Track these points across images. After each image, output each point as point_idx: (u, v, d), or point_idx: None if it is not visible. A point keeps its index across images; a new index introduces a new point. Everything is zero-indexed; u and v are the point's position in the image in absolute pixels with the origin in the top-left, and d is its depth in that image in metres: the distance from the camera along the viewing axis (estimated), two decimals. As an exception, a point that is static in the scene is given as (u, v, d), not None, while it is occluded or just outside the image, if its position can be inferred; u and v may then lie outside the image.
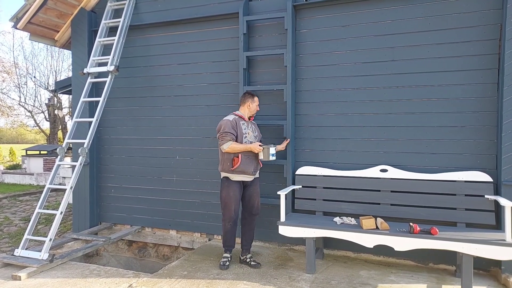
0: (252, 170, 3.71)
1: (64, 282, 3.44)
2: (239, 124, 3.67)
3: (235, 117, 3.71)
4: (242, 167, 3.64)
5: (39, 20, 4.99)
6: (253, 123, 3.88)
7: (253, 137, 3.75)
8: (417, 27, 3.79)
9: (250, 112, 3.81)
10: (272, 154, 3.68)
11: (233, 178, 3.69)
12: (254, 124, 3.90)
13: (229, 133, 3.58)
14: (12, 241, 5.79)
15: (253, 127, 3.82)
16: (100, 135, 5.24)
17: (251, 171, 3.69)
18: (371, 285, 3.29)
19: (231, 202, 3.66)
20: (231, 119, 3.67)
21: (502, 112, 3.40)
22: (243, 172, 3.67)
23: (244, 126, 3.71)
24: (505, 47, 3.39)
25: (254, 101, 3.80)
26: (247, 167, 3.66)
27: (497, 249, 2.96)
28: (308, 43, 4.21)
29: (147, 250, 5.13)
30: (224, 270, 3.63)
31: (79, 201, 5.19)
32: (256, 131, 3.86)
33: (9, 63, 19.38)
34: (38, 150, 14.46)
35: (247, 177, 3.73)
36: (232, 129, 3.61)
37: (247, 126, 3.74)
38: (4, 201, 9.13)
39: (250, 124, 3.80)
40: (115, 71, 4.66)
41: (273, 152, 3.69)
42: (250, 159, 3.68)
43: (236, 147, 3.58)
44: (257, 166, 3.79)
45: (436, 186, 3.62)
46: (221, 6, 4.55)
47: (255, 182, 3.83)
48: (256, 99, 3.81)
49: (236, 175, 3.68)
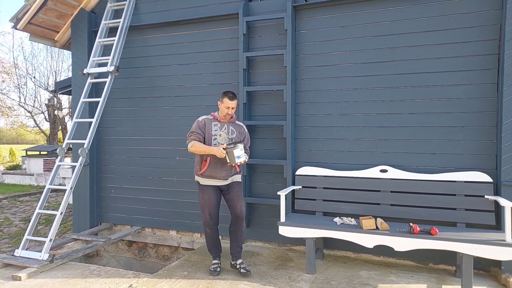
0: (224, 174, 3.47)
1: (64, 282, 3.44)
2: (208, 125, 3.46)
3: (206, 117, 3.51)
4: (210, 171, 3.44)
5: (39, 21, 5.00)
6: (235, 124, 3.57)
7: (227, 139, 3.47)
8: (417, 27, 3.79)
9: (220, 113, 3.51)
10: (238, 156, 3.29)
11: (203, 182, 3.52)
12: (236, 125, 3.57)
13: (194, 133, 3.42)
14: (12, 241, 5.79)
15: (231, 128, 3.51)
16: (100, 135, 5.24)
17: (221, 176, 3.46)
18: (371, 285, 3.29)
19: (205, 206, 3.51)
20: (201, 119, 3.50)
21: (502, 112, 3.40)
22: (212, 177, 3.47)
23: (216, 127, 3.47)
24: (504, 47, 3.39)
25: (222, 102, 3.44)
26: (216, 171, 3.44)
27: (497, 249, 2.96)
28: (308, 43, 4.21)
29: (147, 250, 5.13)
30: (216, 275, 3.51)
31: (79, 202, 5.19)
32: (235, 133, 3.52)
33: (9, 63, 19.40)
34: (38, 150, 14.45)
35: (218, 181, 3.50)
36: (198, 129, 3.44)
37: (221, 127, 3.48)
38: (4, 201, 9.13)
39: (227, 125, 3.50)
40: (115, 72, 4.66)
41: (238, 154, 3.29)
42: (221, 163, 3.42)
43: (198, 148, 3.37)
44: (231, 170, 3.51)
45: (436, 187, 3.62)
46: (221, 6, 4.55)
47: (234, 186, 3.56)
48: (226, 100, 3.42)
49: (206, 179, 3.50)
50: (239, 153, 3.30)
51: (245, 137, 3.59)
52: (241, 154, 3.32)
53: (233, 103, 3.44)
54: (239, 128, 3.57)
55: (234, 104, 3.44)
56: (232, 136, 3.50)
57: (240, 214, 3.53)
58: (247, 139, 3.62)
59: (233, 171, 3.55)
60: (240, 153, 3.31)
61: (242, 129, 3.59)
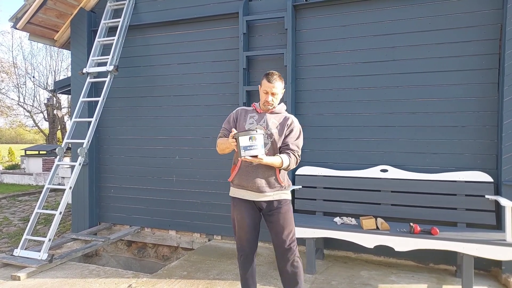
0: (258, 185, 2.54)
1: (64, 282, 3.43)
2: (242, 117, 2.69)
3: (244, 107, 2.79)
4: (239, 179, 2.61)
5: (38, 20, 4.98)
6: (280, 115, 2.66)
7: (264, 135, 2.57)
8: (417, 27, 3.78)
9: (260, 101, 2.66)
10: (246, 148, 2.25)
11: (232, 194, 2.71)
12: (281, 117, 2.65)
13: (222, 128, 2.75)
14: (11, 241, 5.77)
15: (273, 121, 2.62)
16: (99, 135, 5.23)
17: (254, 186, 2.55)
18: (371, 285, 3.28)
19: (236, 227, 2.69)
20: (236, 110, 2.79)
21: (503, 112, 3.40)
22: (242, 187, 2.61)
23: (253, 119, 2.65)
24: (505, 47, 3.39)
25: (260, 85, 2.62)
26: (247, 179, 2.57)
27: (497, 249, 2.96)
28: (308, 43, 4.20)
29: (147, 250, 5.12)
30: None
31: (78, 201, 5.18)
32: (278, 126, 2.60)
33: (8, 63, 19.36)
34: (37, 150, 14.44)
35: (251, 194, 2.59)
36: (227, 123, 2.74)
37: (258, 119, 2.63)
38: (3, 201, 9.11)
39: (268, 117, 2.63)
40: (115, 71, 4.65)
41: (246, 144, 2.25)
42: (254, 168, 2.55)
43: (220, 146, 2.63)
44: (270, 181, 2.56)
45: (436, 186, 3.61)
46: (221, 6, 4.54)
47: (277, 206, 2.58)
48: (264, 82, 2.59)
49: (236, 190, 2.67)
50: (246, 143, 2.24)
51: (290, 132, 2.61)
52: (252, 145, 2.25)
53: (274, 87, 2.56)
54: (284, 120, 2.63)
55: (275, 88, 2.56)
56: (272, 131, 2.58)
57: (286, 245, 2.56)
58: (295, 136, 2.61)
59: (275, 183, 2.58)
60: (250, 143, 2.25)
61: (288, 121, 2.63)
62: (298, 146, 2.62)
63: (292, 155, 2.55)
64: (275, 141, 2.57)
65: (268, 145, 2.56)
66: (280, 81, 2.60)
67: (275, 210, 2.58)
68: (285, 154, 2.53)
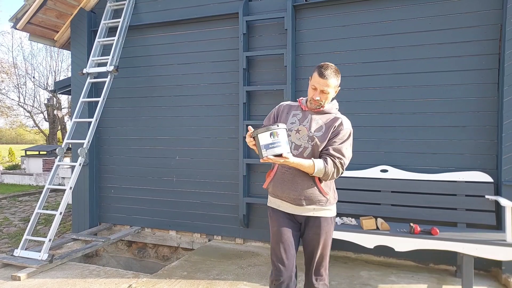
0: (294, 195, 2.16)
1: (64, 282, 3.43)
2: (285, 114, 2.31)
3: (289, 103, 2.38)
4: (274, 186, 2.25)
5: (38, 21, 4.98)
6: (328, 115, 2.23)
7: (305, 137, 2.17)
8: (417, 27, 3.78)
9: (308, 97, 2.26)
10: (266, 146, 1.94)
11: (269, 203, 2.35)
12: (329, 118, 2.23)
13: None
14: (11, 241, 5.77)
15: (318, 121, 2.21)
16: (99, 135, 5.23)
17: (289, 197, 2.18)
18: (371, 285, 3.28)
19: (272, 242, 2.26)
20: (278, 105, 2.40)
21: (503, 112, 3.40)
22: (277, 196, 2.25)
23: (295, 118, 2.25)
24: (505, 47, 3.39)
25: (311, 78, 2.21)
26: (283, 187, 2.20)
27: (497, 250, 2.96)
28: (308, 43, 4.20)
29: (147, 250, 5.12)
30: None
31: (79, 202, 5.18)
32: (323, 128, 2.19)
33: (8, 63, 19.38)
34: (37, 150, 14.45)
35: (287, 206, 2.23)
36: (267, 120, 2.39)
37: (302, 118, 2.24)
38: (4, 201, 9.12)
39: (313, 116, 2.22)
40: (115, 71, 4.65)
41: (266, 142, 1.94)
42: (291, 174, 2.17)
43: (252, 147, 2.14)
44: (309, 189, 2.15)
45: (436, 187, 3.61)
46: (221, 6, 4.54)
47: (314, 222, 2.20)
48: (314, 76, 2.17)
49: (272, 198, 2.33)
50: (267, 140, 1.92)
51: (335, 135, 2.17)
52: (274, 143, 1.92)
53: (327, 84, 2.13)
54: (332, 122, 2.20)
55: (327, 86, 2.13)
56: (314, 133, 2.18)
57: (316, 272, 2.26)
58: (340, 140, 2.18)
59: (317, 195, 2.16)
60: (272, 140, 1.92)
61: (337, 123, 2.20)
62: (342, 152, 2.14)
63: (330, 162, 2.09)
64: (316, 145, 2.15)
65: (308, 150, 2.16)
66: (335, 77, 2.16)
67: (314, 229, 2.18)
68: (321, 159, 2.12)
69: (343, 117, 2.26)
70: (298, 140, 2.19)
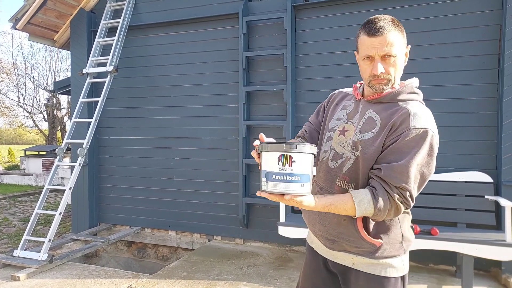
0: (316, 226, 1.47)
1: (63, 282, 3.43)
2: (333, 105, 1.63)
3: (341, 91, 1.73)
4: (304, 213, 1.57)
5: (38, 21, 4.98)
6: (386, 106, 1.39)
7: (350, 142, 1.41)
8: (417, 27, 3.78)
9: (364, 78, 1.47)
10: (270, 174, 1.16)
11: (307, 236, 1.68)
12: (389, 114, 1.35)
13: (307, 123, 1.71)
14: (11, 241, 5.77)
15: (371, 116, 1.40)
16: (99, 135, 5.23)
17: (313, 227, 1.50)
18: (371, 285, 3.28)
19: None
20: (331, 93, 1.74)
21: (502, 112, 3.40)
22: (309, 223, 1.54)
23: (343, 112, 1.53)
24: (505, 47, 3.39)
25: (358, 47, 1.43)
26: (308, 212, 1.52)
27: (497, 250, 2.96)
28: (308, 43, 4.20)
29: (147, 251, 5.12)
30: None
31: (78, 202, 5.18)
32: (373, 130, 1.35)
33: (7, 63, 19.38)
34: (37, 150, 14.45)
35: (317, 244, 1.54)
36: (314, 114, 1.71)
37: (352, 113, 1.50)
38: (3, 201, 9.11)
39: (365, 108, 1.45)
40: (114, 72, 4.65)
41: (271, 169, 1.16)
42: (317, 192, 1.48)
43: None
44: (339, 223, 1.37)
45: (436, 187, 3.61)
46: (220, 6, 4.54)
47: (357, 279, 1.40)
48: (362, 40, 1.38)
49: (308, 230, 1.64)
50: (272, 167, 1.16)
51: (396, 141, 1.29)
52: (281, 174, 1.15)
53: (385, 40, 1.31)
54: (392, 114, 1.35)
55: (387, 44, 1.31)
56: (363, 136, 1.38)
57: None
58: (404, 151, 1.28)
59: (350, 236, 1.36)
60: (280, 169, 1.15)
61: (399, 116, 1.33)
62: (407, 174, 1.28)
63: (383, 192, 1.27)
64: (362, 157, 1.34)
65: (349, 164, 1.37)
66: (397, 29, 1.33)
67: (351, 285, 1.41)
68: (368, 190, 1.28)
69: (417, 107, 1.34)
70: (340, 147, 1.41)
